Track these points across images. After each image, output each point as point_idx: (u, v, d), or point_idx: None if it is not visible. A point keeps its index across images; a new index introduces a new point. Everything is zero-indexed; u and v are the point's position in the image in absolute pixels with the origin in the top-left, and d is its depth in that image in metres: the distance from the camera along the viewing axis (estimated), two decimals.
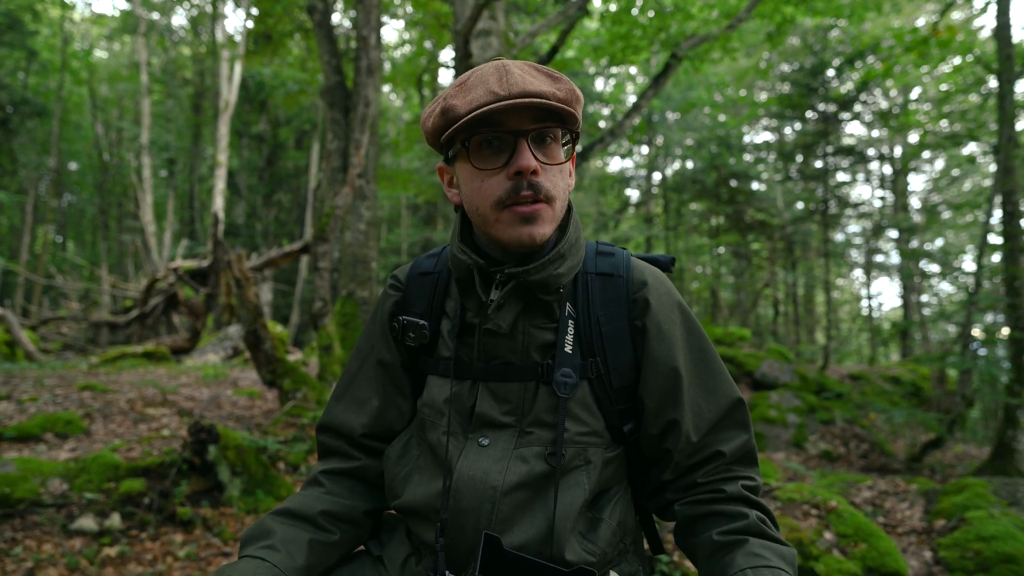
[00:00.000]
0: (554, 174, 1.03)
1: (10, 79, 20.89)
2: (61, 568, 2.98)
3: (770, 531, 1.03)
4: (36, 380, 6.12)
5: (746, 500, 1.07)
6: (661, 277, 1.17)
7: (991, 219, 7.09)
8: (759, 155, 17.10)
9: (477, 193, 1.04)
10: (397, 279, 1.25)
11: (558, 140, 1.05)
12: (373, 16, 7.55)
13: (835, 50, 12.78)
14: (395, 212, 25.00)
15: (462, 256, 1.08)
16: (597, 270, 1.14)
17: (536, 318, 1.09)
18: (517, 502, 1.04)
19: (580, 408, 1.08)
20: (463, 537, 1.05)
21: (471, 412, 1.11)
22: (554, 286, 1.06)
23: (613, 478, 1.13)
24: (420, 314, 1.18)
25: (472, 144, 1.02)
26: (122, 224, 26.16)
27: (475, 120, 0.98)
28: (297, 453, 4.42)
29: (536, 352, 1.10)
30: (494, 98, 0.96)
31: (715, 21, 8.81)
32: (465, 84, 1.01)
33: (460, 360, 1.13)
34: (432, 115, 1.05)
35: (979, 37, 12.28)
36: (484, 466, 1.06)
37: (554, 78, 1.01)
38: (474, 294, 1.10)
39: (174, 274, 11.61)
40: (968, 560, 3.01)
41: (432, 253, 1.25)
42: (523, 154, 0.99)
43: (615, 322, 1.11)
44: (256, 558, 1.03)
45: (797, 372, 9.25)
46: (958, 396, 7.14)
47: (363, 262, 7.35)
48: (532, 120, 1.00)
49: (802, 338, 19.49)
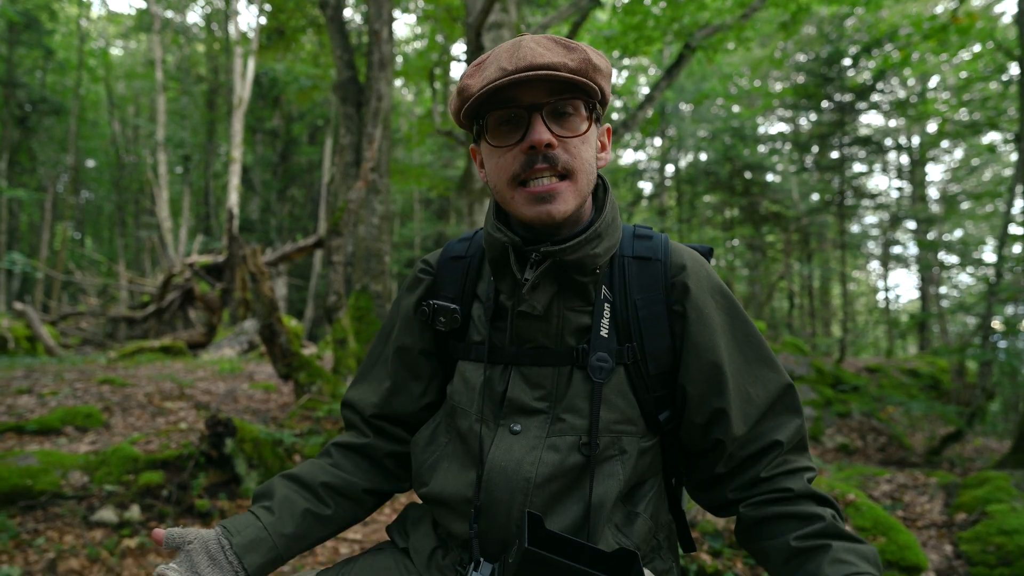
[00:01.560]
0: (575, 146, 1.00)
1: (28, 78, 21.13)
2: (82, 559, 3.02)
3: (846, 531, 0.99)
4: (56, 374, 6.19)
5: (816, 498, 1.03)
6: (700, 261, 1.13)
7: (1012, 209, 6.97)
8: (774, 146, 16.93)
9: (495, 170, 1.03)
10: (428, 263, 1.23)
11: (579, 112, 1.00)
12: (385, 10, 7.54)
13: (851, 39, 12.61)
14: (408, 206, 25.04)
15: (497, 234, 1.05)
16: (634, 253, 1.11)
17: (571, 300, 1.07)
18: (551, 493, 1.03)
19: (615, 394, 1.05)
20: (495, 527, 1.04)
21: (503, 397, 1.09)
22: (590, 266, 1.04)
23: (649, 470, 1.10)
24: (451, 298, 1.16)
25: (489, 122, 1.01)
26: (139, 220, 26.40)
27: (489, 97, 0.97)
28: (313, 446, 4.44)
29: (571, 336, 1.07)
30: (502, 74, 0.94)
31: (729, 10, 8.71)
32: (482, 63, 1.00)
33: (492, 344, 1.11)
34: (453, 96, 1.04)
35: (999, 24, 12.07)
36: (516, 456, 1.04)
37: (569, 48, 0.98)
38: (508, 275, 1.07)
39: (190, 269, 11.70)
40: (990, 554, 2.97)
41: (464, 238, 1.24)
42: (536, 128, 0.96)
43: (653, 306, 1.08)
44: (252, 514, 1.10)
45: (813, 365, 9.16)
46: (978, 389, 7.05)
47: (377, 256, 7.37)
48: (548, 93, 0.97)
49: (818, 331, 19.34)
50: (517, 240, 1.03)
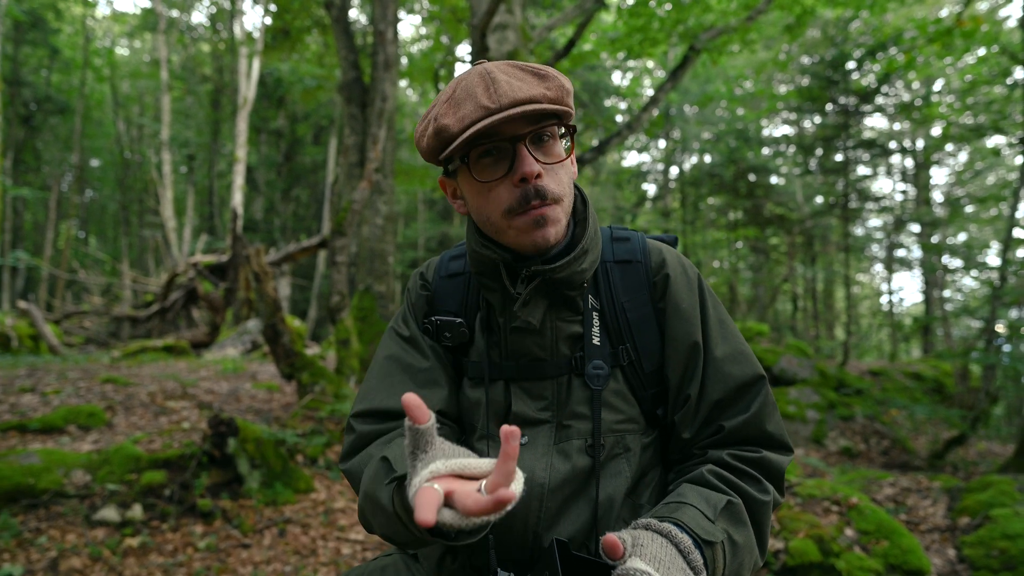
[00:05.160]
0: (557, 171, 1.02)
1: (34, 76, 21.20)
2: (84, 558, 3.02)
3: (714, 481, 1.01)
4: (59, 373, 6.21)
5: (722, 463, 1.04)
6: (676, 255, 1.17)
7: (1016, 213, 6.95)
8: (778, 149, 16.90)
9: (485, 205, 1.03)
10: (425, 279, 1.23)
11: (555, 136, 1.03)
12: (390, 11, 7.55)
13: (856, 42, 12.58)
14: (412, 207, 25.06)
15: (485, 251, 1.06)
16: (615, 257, 1.14)
17: (561, 312, 1.09)
18: (563, 497, 1.05)
19: (615, 396, 1.08)
20: (511, 535, 1.06)
21: (507, 412, 1.11)
22: (578, 281, 1.07)
23: (650, 463, 1.13)
24: (453, 312, 1.17)
25: (471, 158, 1.01)
26: (143, 220, 26.45)
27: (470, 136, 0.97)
28: (315, 446, 4.45)
29: (564, 345, 1.09)
30: (485, 113, 0.94)
31: (734, 13, 8.71)
32: (453, 98, 0.99)
33: (491, 360, 1.13)
34: (425, 135, 1.02)
35: (1004, 27, 12.04)
36: (528, 465, 1.06)
37: (541, 76, 0.99)
38: (497, 291, 1.09)
39: (194, 269, 11.73)
40: (993, 559, 2.96)
41: (456, 255, 1.23)
42: (525, 159, 0.97)
43: (640, 308, 1.11)
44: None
45: (816, 368, 9.14)
46: (982, 392, 7.03)
47: (380, 256, 7.37)
48: (528, 123, 0.98)
49: (821, 334, 19.28)
50: (508, 257, 1.05)
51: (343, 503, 3.97)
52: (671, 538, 0.88)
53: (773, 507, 1.05)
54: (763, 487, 1.03)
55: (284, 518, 3.65)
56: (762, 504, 1.01)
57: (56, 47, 20.32)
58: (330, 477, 4.29)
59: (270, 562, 3.23)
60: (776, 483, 1.05)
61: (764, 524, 1.02)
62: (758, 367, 1.11)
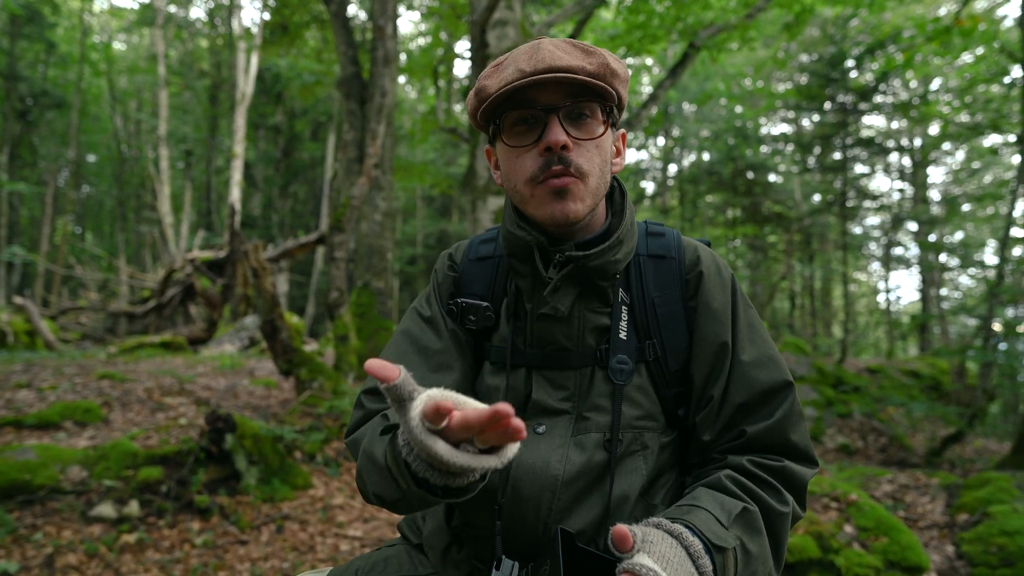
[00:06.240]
0: (588, 149, 1.01)
1: (30, 71, 21.11)
2: (80, 554, 3.01)
3: (730, 486, 0.97)
4: (56, 369, 6.19)
5: (741, 469, 1.01)
6: (711, 254, 1.16)
7: (1013, 211, 6.96)
8: (776, 147, 16.92)
9: (512, 171, 1.03)
10: (453, 260, 1.22)
11: (596, 116, 1.02)
12: (389, 6, 7.53)
13: (855, 40, 12.59)
14: (410, 203, 25.03)
15: (520, 232, 1.05)
16: (649, 252, 1.13)
17: (591, 302, 1.08)
18: (577, 490, 1.04)
19: (637, 392, 1.07)
20: (521, 525, 1.04)
21: (527, 400, 1.10)
22: (611, 272, 1.06)
23: (668, 464, 1.11)
24: (480, 296, 1.16)
25: (506, 122, 1.02)
26: (140, 215, 26.38)
27: (507, 98, 0.98)
28: (313, 442, 4.44)
29: (591, 336, 1.08)
30: (520, 75, 0.95)
31: (733, 10, 8.70)
32: (500, 64, 1.01)
33: (515, 347, 1.11)
34: (470, 97, 1.05)
35: (1002, 26, 12.04)
36: (544, 455, 1.05)
37: (587, 52, 1.00)
38: (528, 276, 1.08)
39: (191, 265, 11.69)
40: (991, 555, 2.97)
41: (486, 239, 1.22)
42: (552, 129, 0.97)
43: (670, 304, 1.10)
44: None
45: (814, 365, 9.16)
46: (978, 390, 7.05)
47: (379, 252, 7.36)
48: (566, 96, 0.98)
49: (819, 331, 19.32)
50: (543, 240, 1.04)
51: (341, 499, 3.96)
52: (681, 540, 0.86)
53: (793, 520, 1.02)
54: (783, 498, 1.00)
55: (282, 514, 3.64)
56: (780, 515, 0.98)
57: (53, 42, 20.25)
58: (328, 473, 4.28)
59: (268, 558, 3.22)
60: (797, 495, 1.02)
61: (781, 536, 0.99)
62: (786, 374, 1.08)
